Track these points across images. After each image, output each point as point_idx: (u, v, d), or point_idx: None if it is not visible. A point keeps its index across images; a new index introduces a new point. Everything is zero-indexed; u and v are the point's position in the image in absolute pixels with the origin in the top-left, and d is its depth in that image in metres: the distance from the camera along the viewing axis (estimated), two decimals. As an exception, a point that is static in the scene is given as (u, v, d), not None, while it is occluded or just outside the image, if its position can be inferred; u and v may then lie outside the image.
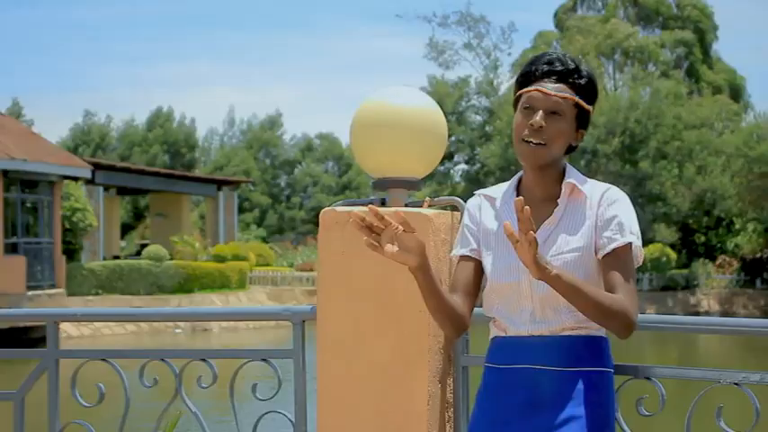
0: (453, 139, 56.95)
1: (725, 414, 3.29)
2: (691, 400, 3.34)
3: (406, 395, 3.52)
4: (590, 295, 2.90)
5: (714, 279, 49.37)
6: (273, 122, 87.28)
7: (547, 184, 3.16)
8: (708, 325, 4.13)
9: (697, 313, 43.45)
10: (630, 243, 3.05)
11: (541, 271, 2.77)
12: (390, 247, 2.88)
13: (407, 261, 2.91)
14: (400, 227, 2.88)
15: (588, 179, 3.17)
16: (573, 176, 3.14)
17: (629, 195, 3.24)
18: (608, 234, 3.06)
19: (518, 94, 3.14)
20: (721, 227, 53.38)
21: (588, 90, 3.12)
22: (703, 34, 66.60)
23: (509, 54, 65.56)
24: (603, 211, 3.07)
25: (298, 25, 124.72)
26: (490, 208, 3.24)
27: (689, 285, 48.50)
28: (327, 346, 3.63)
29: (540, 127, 3.03)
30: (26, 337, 26.70)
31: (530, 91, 3.09)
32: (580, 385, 3.06)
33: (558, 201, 3.12)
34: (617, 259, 3.06)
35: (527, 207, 2.67)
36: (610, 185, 3.15)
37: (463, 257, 3.25)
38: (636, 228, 3.10)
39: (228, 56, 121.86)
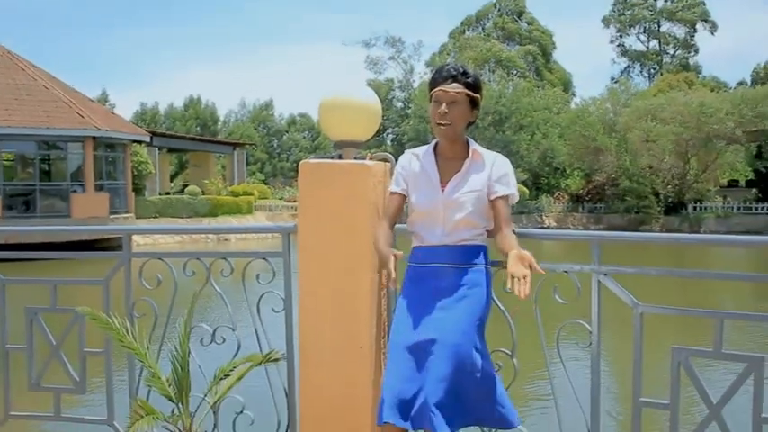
0: (385, 118, 57.55)
1: (559, 290, 3.35)
2: (537, 282, 3.39)
3: (356, 280, 3.54)
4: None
5: (552, 206, 49.80)
6: (267, 106, 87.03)
7: (456, 150, 3.27)
8: (548, 235, 4.18)
9: (541, 227, 43.93)
10: (512, 193, 3.22)
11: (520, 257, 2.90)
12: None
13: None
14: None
15: (484, 148, 3.30)
16: (475, 146, 3.28)
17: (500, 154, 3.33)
18: (498, 185, 3.22)
19: (430, 93, 3.24)
20: (557, 172, 53.71)
21: (474, 84, 3.22)
22: (545, 48, 67.18)
23: (419, 61, 66.76)
24: (496, 170, 3.23)
25: (285, 43, 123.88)
26: (417, 161, 3.33)
27: (536, 210, 48.91)
28: (304, 250, 3.63)
29: (445, 113, 3.16)
30: (107, 246, 26.55)
31: (436, 91, 3.21)
32: (470, 276, 3.17)
33: (465, 161, 3.24)
34: (502, 201, 3.21)
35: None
36: (498, 154, 3.31)
37: (395, 193, 3.34)
38: (515, 182, 3.27)
39: (239, 63, 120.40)
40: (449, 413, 2.97)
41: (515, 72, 60.57)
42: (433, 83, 3.23)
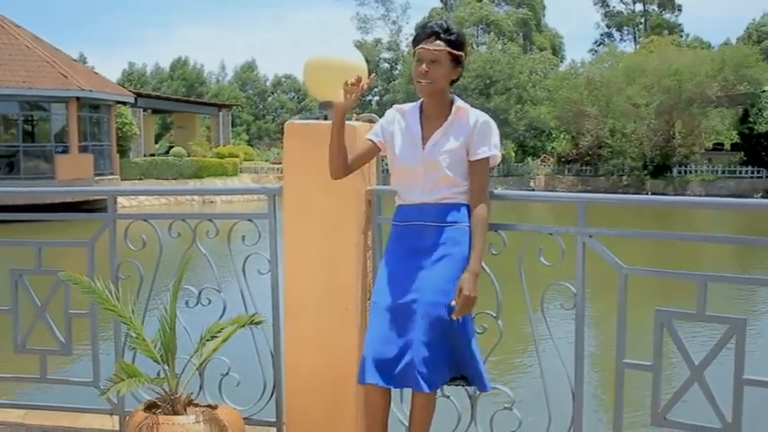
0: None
1: (544, 252, 3.35)
2: (523, 244, 3.40)
3: (342, 242, 3.54)
4: (483, 238, 3.12)
5: (539, 169, 49.86)
6: (250, 66, 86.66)
7: (439, 107, 3.23)
8: (534, 197, 4.19)
9: (529, 190, 43.98)
10: (491, 156, 3.17)
11: (474, 283, 3.04)
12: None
13: (338, 98, 3.14)
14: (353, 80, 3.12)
15: (470, 107, 3.24)
16: (460, 103, 3.23)
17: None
18: (479, 147, 3.16)
19: (414, 50, 3.20)
20: (543, 135, 53.62)
21: (457, 42, 3.16)
22: (535, 10, 66.74)
23: (407, 23, 66.54)
24: (479, 130, 3.16)
25: (270, 5, 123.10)
26: (401, 117, 3.31)
27: (522, 173, 48.96)
28: (290, 211, 3.62)
29: (426, 72, 3.13)
30: (92, 207, 26.41)
31: (418, 49, 3.16)
32: (451, 234, 3.15)
33: (448, 117, 3.20)
34: (481, 164, 3.17)
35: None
36: (483, 113, 3.24)
37: (369, 140, 3.34)
38: (497, 143, 3.21)
39: (222, 24, 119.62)
40: (432, 372, 3.01)
41: (504, 35, 60.13)
42: (416, 40, 3.19)
